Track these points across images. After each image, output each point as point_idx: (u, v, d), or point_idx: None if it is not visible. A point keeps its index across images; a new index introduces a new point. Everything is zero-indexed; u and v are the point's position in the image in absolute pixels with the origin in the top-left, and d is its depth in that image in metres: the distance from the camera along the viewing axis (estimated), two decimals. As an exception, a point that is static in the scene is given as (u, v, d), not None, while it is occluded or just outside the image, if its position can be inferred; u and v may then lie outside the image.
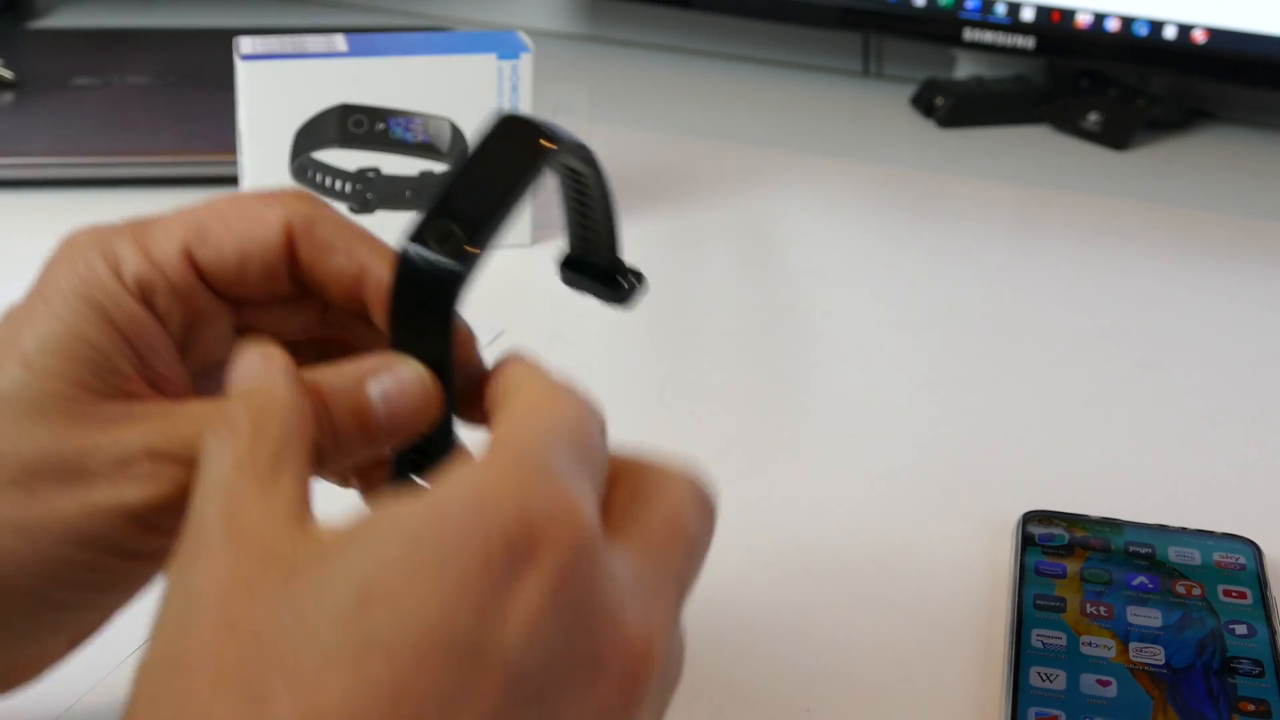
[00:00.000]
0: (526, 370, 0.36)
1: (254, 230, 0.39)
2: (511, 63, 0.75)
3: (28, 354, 0.37)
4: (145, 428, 0.36)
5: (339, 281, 0.39)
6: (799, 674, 0.49)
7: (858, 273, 0.80)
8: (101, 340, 0.37)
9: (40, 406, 0.36)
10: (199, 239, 0.39)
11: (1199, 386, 0.69)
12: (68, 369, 0.37)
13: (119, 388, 0.37)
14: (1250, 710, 0.46)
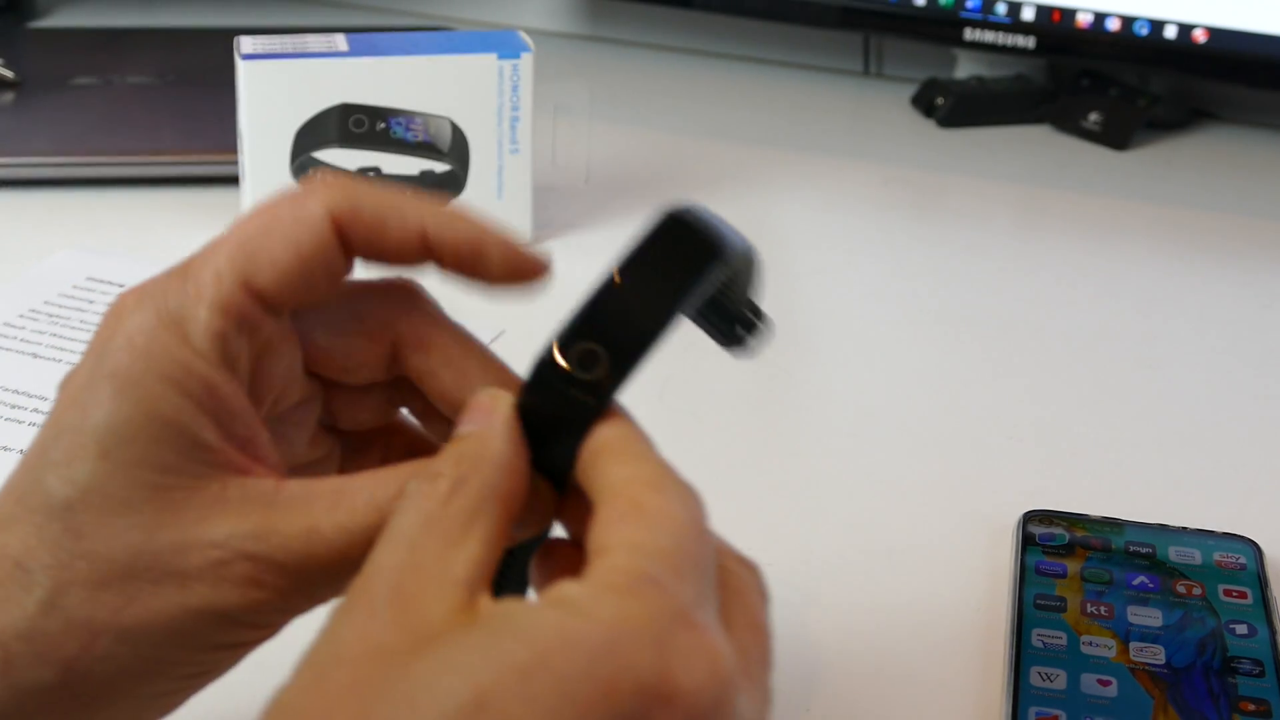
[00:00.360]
0: (627, 454, 0.35)
1: (299, 232, 0.37)
2: (512, 62, 0.75)
3: (105, 444, 0.34)
4: (242, 524, 0.35)
5: (402, 251, 0.37)
6: (799, 674, 0.49)
7: (857, 273, 0.80)
8: (181, 417, 0.35)
9: (128, 501, 0.34)
10: (250, 263, 0.36)
11: (1199, 386, 0.69)
12: (151, 455, 0.35)
13: (206, 462, 0.35)
14: (1250, 710, 0.46)
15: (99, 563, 0.34)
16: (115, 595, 0.34)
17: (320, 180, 0.38)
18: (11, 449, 0.59)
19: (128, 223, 0.80)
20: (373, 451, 0.43)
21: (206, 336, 0.36)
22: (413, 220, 0.37)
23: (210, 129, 0.86)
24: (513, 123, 0.76)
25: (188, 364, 0.35)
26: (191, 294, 0.36)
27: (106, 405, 0.35)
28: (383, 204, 0.37)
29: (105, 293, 0.72)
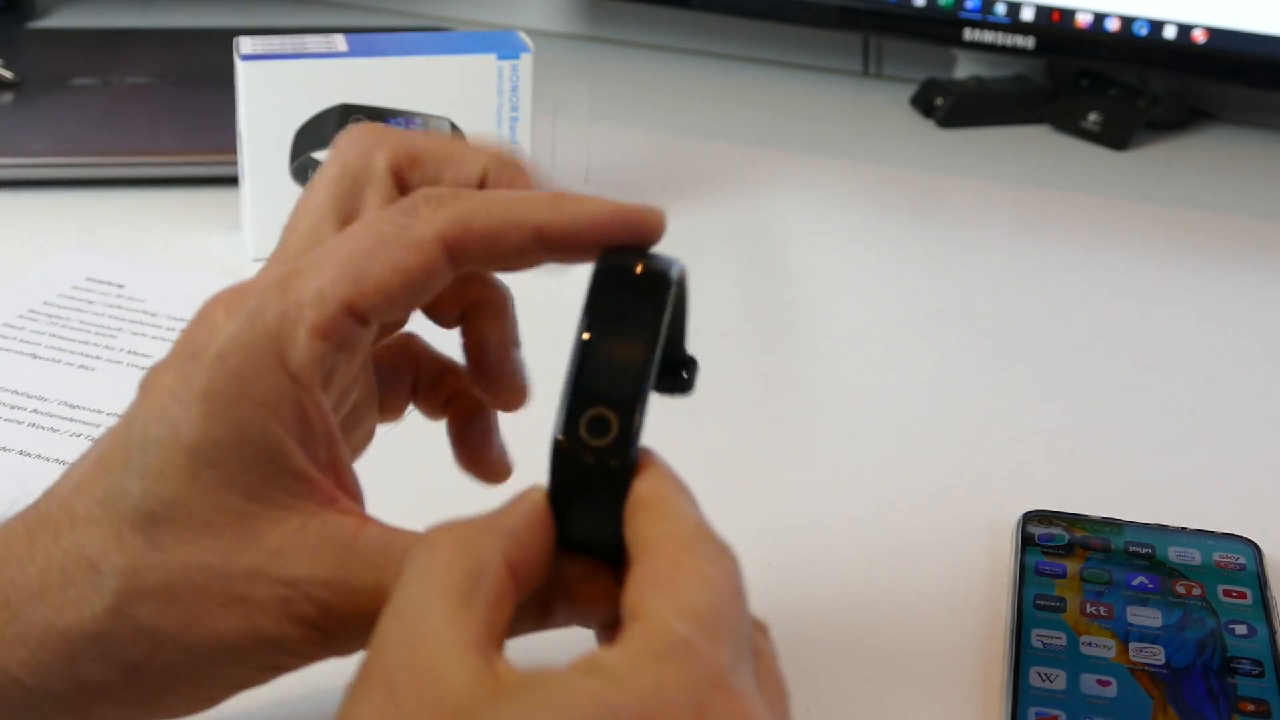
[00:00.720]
0: (660, 511, 0.34)
1: (408, 257, 0.36)
2: (511, 63, 0.75)
3: (194, 465, 0.34)
4: (315, 568, 0.35)
5: (520, 258, 0.37)
6: (799, 674, 0.49)
7: (857, 273, 0.80)
8: (271, 443, 0.35)
9: (211, 524, 0.35)
10: (355, 286, 0.36)
11: (1199, 386, 0.69)
12: (239, 480, 0.35)
13: (291, 491, 0.35)
14: (1250, 710, 0.46)
15: (173, 577, 0.35)
16: (183, 612, 0.35)
17: (429, 199, 0.37)
18: (11, 449, 0.59)
19: (128, 223, 0.80)
20: (402, 381, 0.44)
21: (306, 360, 0.35)
22: (529, 224, 0.37)
23: (210, 129, 0.86)
24: (512, 123, 0.76)
25: (282, 389, 0.35)
26: (292, 312, 0.35)
27: (199, 426, 0.35)
28: (496, 216, 0.37)
29: (104, 293, 0.72)
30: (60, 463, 0.58)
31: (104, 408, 0.61)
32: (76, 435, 0.60)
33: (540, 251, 0.37)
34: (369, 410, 0.43)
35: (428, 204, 0.37)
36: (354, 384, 0.40)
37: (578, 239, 0.37)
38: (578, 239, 0.37)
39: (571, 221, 0.37)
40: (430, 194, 0.37)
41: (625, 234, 0.37)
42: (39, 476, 0.57)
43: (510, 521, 0.34)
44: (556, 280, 0.43)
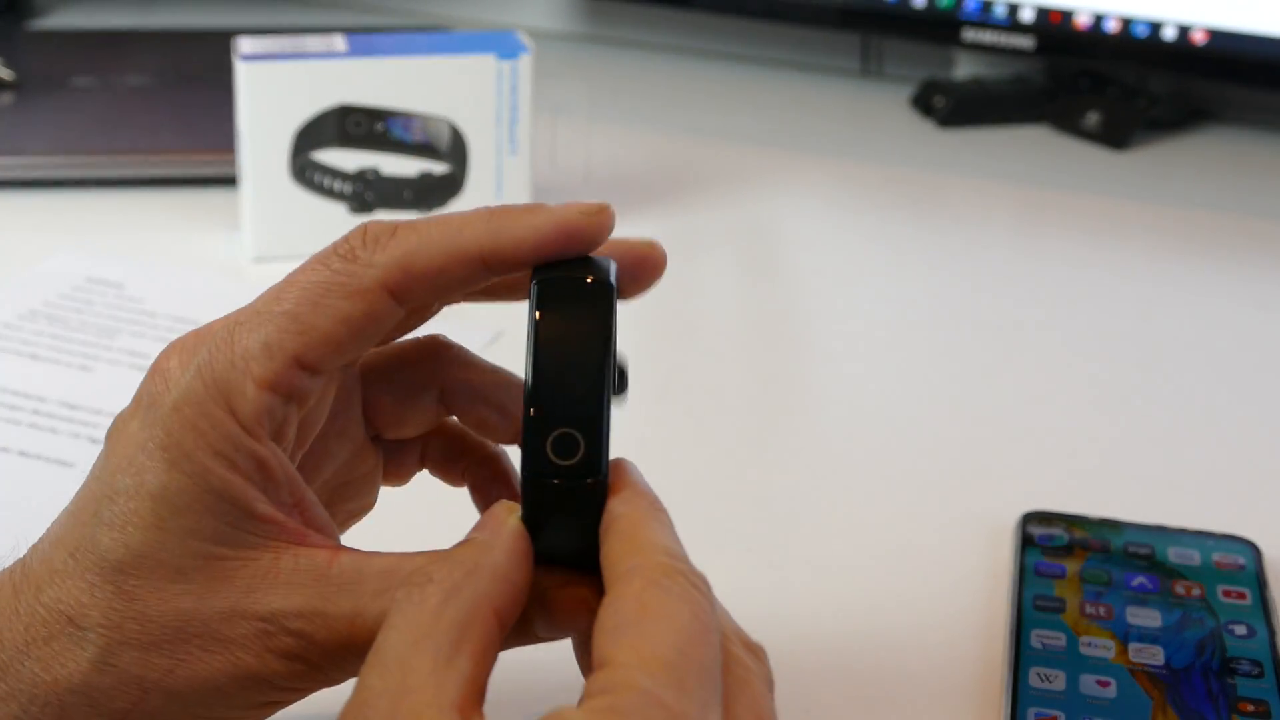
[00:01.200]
0: (632, 540, 0.34)
1: (352, 306, 0.36)
2: (511, 63, 0.75)
3: (160, 513, 0.35)
4: (289, 600, 0.35)
5: (467, 284, 0.37)
6: (798, 674, 0.49)
7: (857, 272, 0.80)
8: (231, 490, 0.35)
9: (180, 569, 0.35)
10: (301, 338, 0.36)
11: (1199, 386, 0.69)
12: (204, 525, 0.35)
13: (258, 533, 0.36)
14: (1250, 711, 0.46)
15: (150, 625, 0.35)
16: (165, 657, 0.35)
17: (373, 240, 0.37)
18: (11, 449, 0.59)
19: (127, 223, 0.80)
20: (412, 453, 0.44)
21: (254, 413, 0.36)
22: (471, 254, 0.37)
23: (209, 129, 0.86)
24: (512, 123, 0.76)
25: (236, 439, 0.35)
26: (239, 365, 0.36)
27: (161, 476, 0.35)
28: (435, 252, 0.37)
29: (104, 293, 0.72)
30: (60, 463, 0.58)
31: (104, 408, 0.61)
32: (76, 435, 0.60)
33: (486, 275, 0.37)
34: (372, 484, 0.43)
35: (365, 246, 0.37)
36: (344, 430, 0.40)
37: (522, 258, 0.37)
38: (522, 258, 0.37)
39: (514, 242, 0.37)
40: (370, 230, 0.37)
41: (571, 243, 0.37)
42: (39, 476, 0.57)
43: (496, 560, 0.34)
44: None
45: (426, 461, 0.44)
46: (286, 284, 0.37)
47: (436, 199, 0.77)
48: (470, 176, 0.77)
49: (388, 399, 0.42)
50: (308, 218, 0.75)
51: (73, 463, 0.58)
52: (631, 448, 0.62)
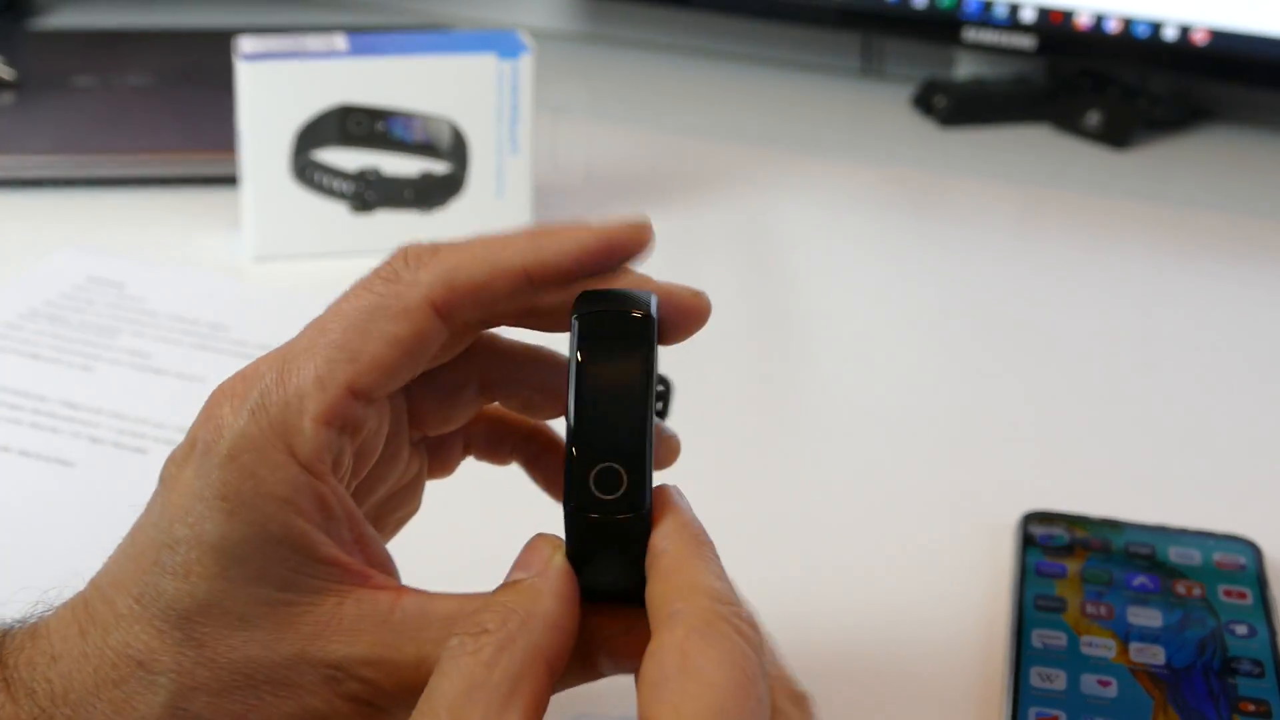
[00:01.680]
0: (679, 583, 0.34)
1: (399, 327, 0.36)
2: (511, 62, 0.75)
3: (222, 562, 0.35)
4: (355, 647, 0.35)
5: (513, 303, 0.37)
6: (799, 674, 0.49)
7: (857, 272, 0.80)
8: (293, 535, 0.35)
9: (246, 617, 0.35)
10: (352, 365, 0.36)
11: (1199, 386, 0.69)
12: (267, 573, 0.35)
13: (321, 576, 0.35)
14: (1250, 710, 0.46)
15: (220, 672, 0.35)
16: (236, 703, 0.35)
17: (414, 259, 0.37)
18: (11, 449, 0.59)
19: (128, 223, 0.80)
20: (455, 445, 0.44)
21: (313, 449, 0.35)
22: (515, 269, 0.37)
23: (210, 129, 0.86)
24: (512, 123, 0.76)
25: (297, 482, 0.35)
26: (294, 403, 0.35)
27: (221, 525, 0.35)
28: (479, 269, 0.37)
29: (104, 293, 0.72)
30: (61, 463, 0.58)
31: (104, 407, 0.61)
32: (77, 435, 0.60)
33: (531, 292, 0.37)
34: (418, 486, 0.43)
35: (408, 266, 0.37)
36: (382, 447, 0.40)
37: (566, 272, 0.37)
38: (566, 272, 0.37)
39: (557, 256, 0.37)
40: (411, 252, 0.37)
41: (614, 255, 0.37)
42: (39, 476, 0.57)
43: (547, 608, 0.34)
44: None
45: (471, 449, 0.44)
46: (331, 313, 0.37)
47: (437, 199, 0.77)
48: (471, 176, 0.77)
49: (430, 401, 0.41)
50: (308, 217, 0.75)
51: (73, 462, 0.58)
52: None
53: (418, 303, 0.36)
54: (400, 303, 0.36)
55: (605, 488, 0.34)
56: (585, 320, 0.36)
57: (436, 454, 0.44)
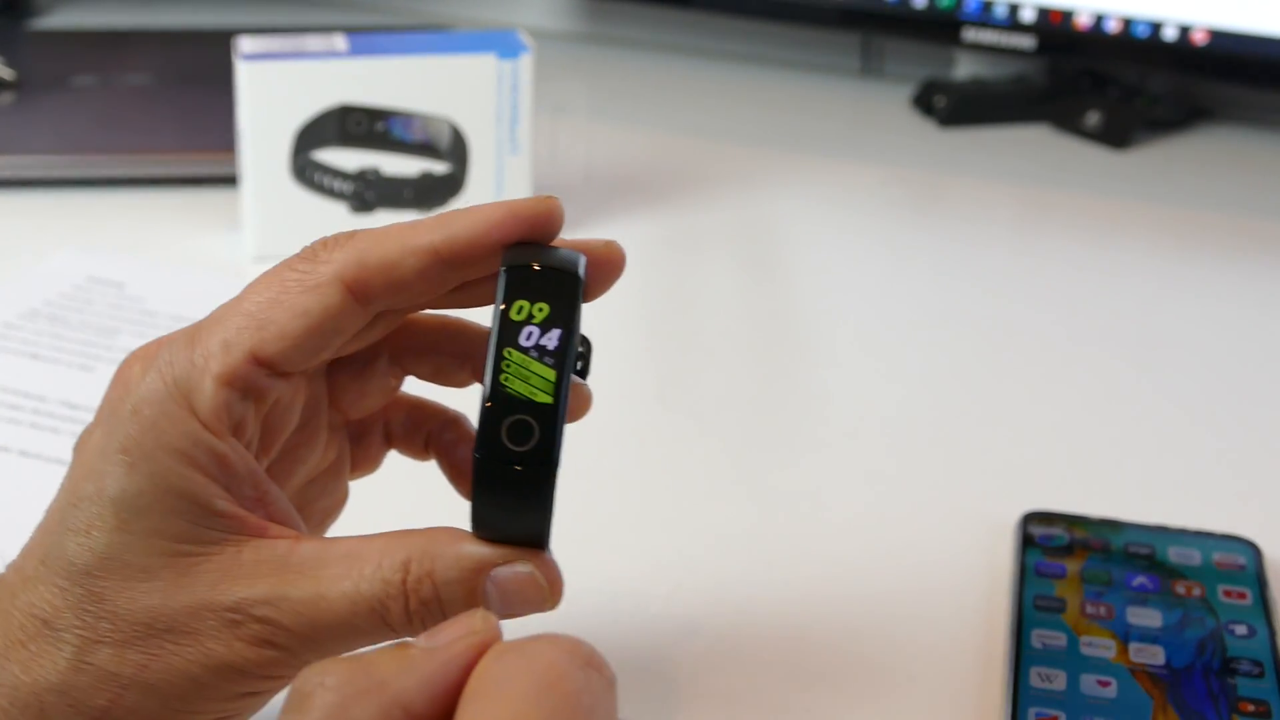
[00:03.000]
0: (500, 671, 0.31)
1: (309, 301, 0.37)
2: (511, 62, 0.75)
3: (121, 515, 0.36)
4: (253, 589, 0.36)
5: (425, 281, 0.38)
6: (799, 674, 0.49)
7: (857, 272, 0.80)
8: (192, 488, 0.36)
9: (146, 568, 0.36)
10: (259, 334, 0.37)
11: (1199, 386, 0.69)
12: (166, 525, 0.36)
13: (220, 528, 0.36)
14: (1250, 710, 0.46)
15: (121, 624, 0.36)
16: (139, 654, 0.36)
17: (332, 242, 0.38)
18: (11, 449, 0.59)
19: (128, 223, 0.80)
20: (375, 434, 0.45)
21: (212, 408, 0.36)
22: (423, 246, 0.38)
23: (210, 129, 0.86)
24: (512, 123, 0.76)
25: (195, 436, 0.36)
26: (199, 363, 0.37)
27: (121, 478, 0.36)
28: (389, 247, 0.38)
29: (105, 293, 0.72)
30: (60, 463, 0.58)
31: (104, 408, 0.62)
32: (76, 435, 0.60)
33: (446, 271, 0.38)
34: (340, 473, 0.44)
35: (325, 247, 0.38)
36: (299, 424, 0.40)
37: (475, 249, 0.38)
38: (475, 249, 0.38)
39: (466, 232, 0.38)
40: (330, 237, 0.38)
41: (521, 228, 0.38)
42: (39, 476, 0.57)
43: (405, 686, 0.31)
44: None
45: (392, 440, 0.45)
46: (249, 289, 0.38)
47: (437, 198, 0.77)
48: (471, 176, 0.77)
49: (344, 375, 0.42)
50: (308, 217, 0.75)
51: (73, 462, 0.58)
52: (631, 448, 0.62)
53: (329, 278, 0.37)
54: (312, 278, 0.37)
55: (517, 439, 0.35)
56: (512, 273, 0.37)
57: (359, 443, 0.44)
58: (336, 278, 0.37)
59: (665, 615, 0.51)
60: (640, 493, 0.59)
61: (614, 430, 0.63)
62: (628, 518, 0.57)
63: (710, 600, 0.52)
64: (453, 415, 0.45)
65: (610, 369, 0.69)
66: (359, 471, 0.45)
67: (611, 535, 0.56)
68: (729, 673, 0.49)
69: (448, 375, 0.43)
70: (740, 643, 0.50)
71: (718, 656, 0.49)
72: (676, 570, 0.54)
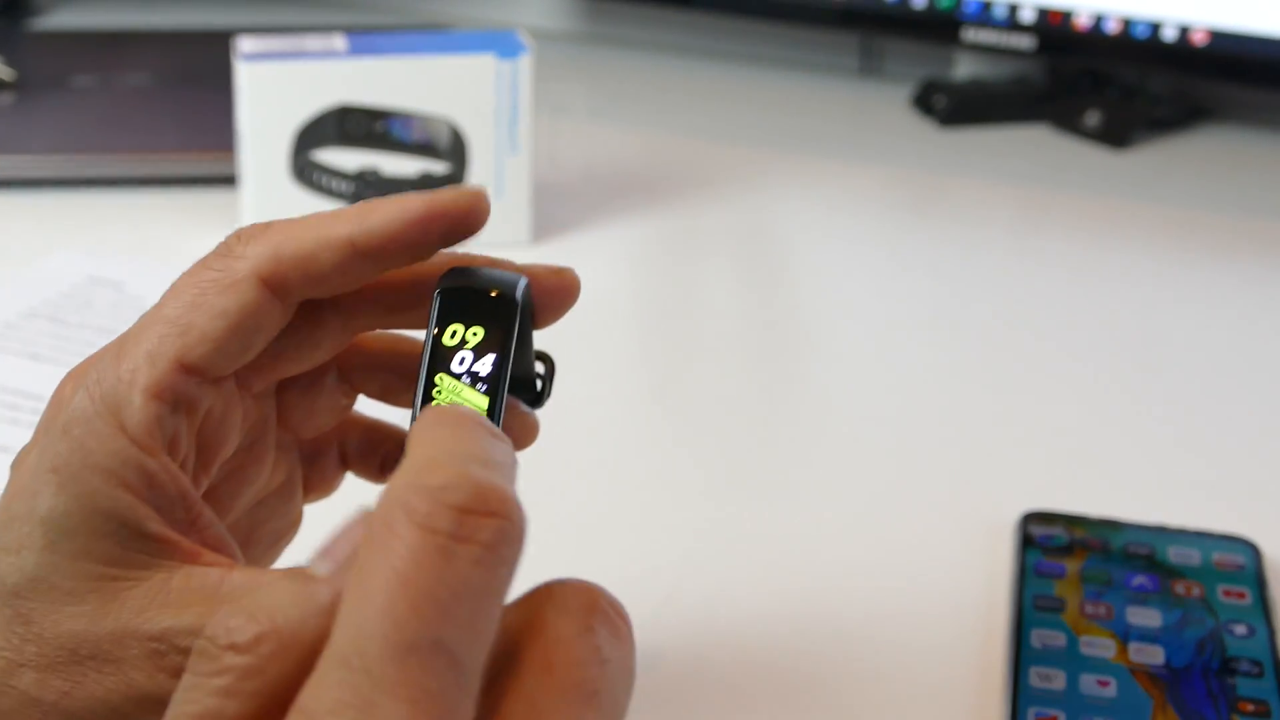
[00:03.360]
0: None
1: (227, 301, 0.36)
2: (511, 62, 0.75)
3: (50, 536, 0.35)
4: (179, 619, 0.35)
5: (342, 272, 0.37)
6: (798, 674, 0.49)
7: (857, 273, 0.80)
8: (121, 509, 0.35)
9: (73, 591, 0.35)
10: (182, 340, 0.36)
11: (1199, 386, 0.69)
12: (94, 547, 0.35)
13: (150, 552, 0.35)
14: (1250, 710, 0.46)
15: (46, 648, 0.35)
16: (62, 679, 0.35)
17: (246, 236, 0.37)
18: (11, 449, 0.59)
19: (128, 223, 0.80)
20: (330, 455, 0.44)
21: (142, 423, 0.35)
22: (338, 239, 0.37)
23: (210, 129, 0.86)
24: (512, 123, 0.76)
25: (124, 455, 0.35)
26: (125, 378, 0.36)
27: (50, 498, 0.35)
28: (305, 240, 0.37)
29: (104, 293, 0.72)
30: (60, 463, 0.58)
31: (104, 408, 0.61)
32: (76, 435, 0.60)
33: (363, 264, 0.37)
34: (291, 495, 0.43)
35: (240, 241, 0.37)
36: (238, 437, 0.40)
37: (393, 241, 0.37)
38: (393, 241, 0.37)
39: (382, 225, 0.36)
40: (244, 230, 0.37)
41: (440, 225, 0.37)
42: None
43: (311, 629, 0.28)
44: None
45: (347, 462, 0.44)
46: (169, 291, 0.37)
47: (436, 199, 0.77)
48: (470, 176, 0.77)
49: (293, 393, 0.41)
50: (308, 217, 0.75)
51: (73, 462, 0.58)
52: (631, 448, 0.62)
53: (245, 275, 0.36)
54: (229, 276, 0.36)
55: None
56: (446, 295, 0.36)
57: (314, 465, 0.43)
58: (253, 274, 0.36)
59: (665, 615, 0.51)
60: (640, 493, 0.59)
61: (613, 430, 0.63)
62: (627, 518, 0.57)
63: (710, 600, 0.52)
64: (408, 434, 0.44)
65: (609, 369, 0.69)
66: (314, 494, 0.44)
67: (611, 535, 0.56)
68: (729, 672, 0.49)
69: (396, 394, 0.42)
70: (740, 642, 0.50)
71: (717, 656, 0.49)
72: (676, 570, 0.54)
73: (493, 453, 0.29)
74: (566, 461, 0.59)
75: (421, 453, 0.29)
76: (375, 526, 0.27)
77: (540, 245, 0.78)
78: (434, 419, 0.30)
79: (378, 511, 0.28)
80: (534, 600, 0.30)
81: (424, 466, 0.28)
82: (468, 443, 0.29)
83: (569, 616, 0.30)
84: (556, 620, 0.29)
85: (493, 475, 0.28)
